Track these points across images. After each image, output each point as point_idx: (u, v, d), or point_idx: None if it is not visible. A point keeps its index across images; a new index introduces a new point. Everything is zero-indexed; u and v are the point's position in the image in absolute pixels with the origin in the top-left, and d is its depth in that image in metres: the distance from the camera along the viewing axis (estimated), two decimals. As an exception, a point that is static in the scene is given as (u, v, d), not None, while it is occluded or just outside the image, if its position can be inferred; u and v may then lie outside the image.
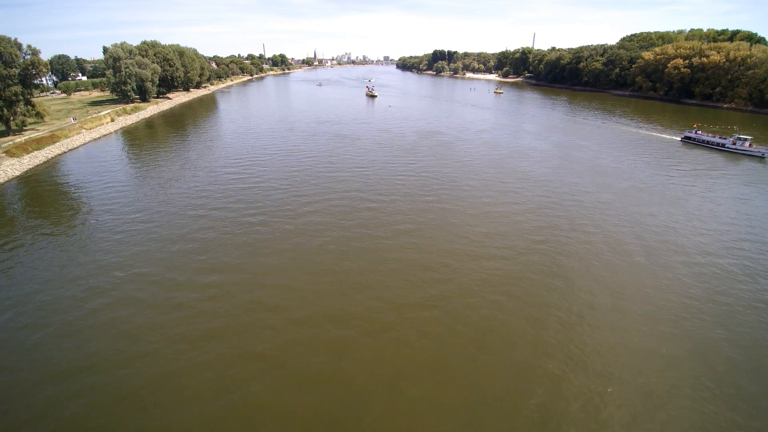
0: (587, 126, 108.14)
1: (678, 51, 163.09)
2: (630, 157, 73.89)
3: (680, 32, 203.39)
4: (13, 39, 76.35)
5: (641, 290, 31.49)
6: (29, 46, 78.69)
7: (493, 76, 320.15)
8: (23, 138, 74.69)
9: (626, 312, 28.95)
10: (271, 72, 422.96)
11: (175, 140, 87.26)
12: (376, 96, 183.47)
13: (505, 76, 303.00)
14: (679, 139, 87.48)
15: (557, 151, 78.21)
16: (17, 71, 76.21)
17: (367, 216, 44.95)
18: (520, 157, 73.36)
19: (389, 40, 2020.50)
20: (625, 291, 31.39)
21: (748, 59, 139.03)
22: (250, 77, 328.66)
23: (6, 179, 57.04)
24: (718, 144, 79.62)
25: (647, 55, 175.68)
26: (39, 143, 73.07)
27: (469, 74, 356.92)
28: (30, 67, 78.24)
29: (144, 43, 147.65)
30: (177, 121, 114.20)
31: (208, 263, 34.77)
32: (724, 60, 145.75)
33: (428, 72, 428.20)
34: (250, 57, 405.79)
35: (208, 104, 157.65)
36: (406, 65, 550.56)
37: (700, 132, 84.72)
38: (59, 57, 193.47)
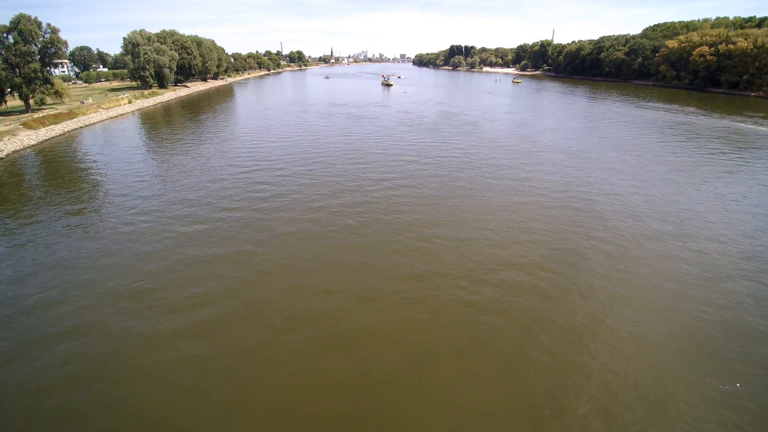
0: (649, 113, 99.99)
1: (703, 38, 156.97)
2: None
3: (705, 20, 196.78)
4: (33, 17, 77.52)
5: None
6: (48, 24, 79.38)
7: (511, 70, 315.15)
8: (41, 114, 75.58)
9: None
10: (288, 68, 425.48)
11: (192, 120, 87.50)
12: (391, 85, 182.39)
13: (523, 69, 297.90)
14: None
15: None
16: (37, 48, 77.29)
17: (393, 177, 43.76)
18: (552, 133, 70.43)
19: (405, 39, 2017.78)
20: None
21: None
22: (267, 72, 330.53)
23: (21, 147, 57.66)
24: None
25: (671, 43, 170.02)
26: (56, 118, 73.83)
27: (486, 68, 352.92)
28: (49, 45, 79.26)
29: (163, 31, 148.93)
30: (194, 105, 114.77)
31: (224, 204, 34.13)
32: (752, 46, 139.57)
33: (445, 67, 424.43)
34: (268, 53, 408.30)
35: (226, 93, 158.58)
36: (422, 61, 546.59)
37: None
38: (81, 48, 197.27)
